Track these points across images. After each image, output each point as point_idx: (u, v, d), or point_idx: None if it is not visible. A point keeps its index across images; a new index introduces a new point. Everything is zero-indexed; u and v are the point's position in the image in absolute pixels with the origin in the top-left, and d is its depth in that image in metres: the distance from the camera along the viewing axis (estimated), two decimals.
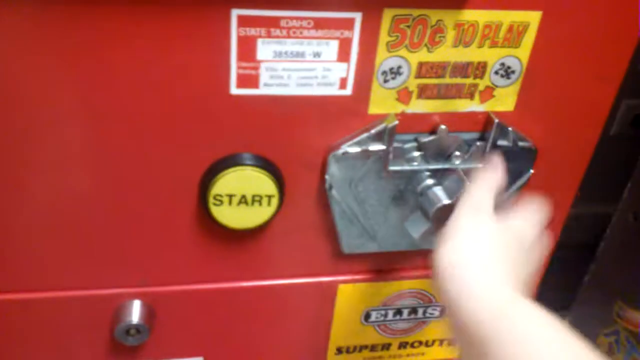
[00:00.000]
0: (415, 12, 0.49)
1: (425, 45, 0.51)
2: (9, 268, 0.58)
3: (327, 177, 0.55)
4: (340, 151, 0.54)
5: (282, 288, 0.64)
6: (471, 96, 0.55)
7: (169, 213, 0.56)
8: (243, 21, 0.46)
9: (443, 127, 0.55)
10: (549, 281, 0.72)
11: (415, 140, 0.55)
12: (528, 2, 0.51)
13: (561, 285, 1.02)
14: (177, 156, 0.53)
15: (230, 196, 0.54)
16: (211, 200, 0.54)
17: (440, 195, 0.54)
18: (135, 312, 0.60)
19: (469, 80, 0.54)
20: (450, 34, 0.51)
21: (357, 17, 0.48)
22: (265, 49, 0.48)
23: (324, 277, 0.65)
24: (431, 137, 0.55)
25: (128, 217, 0.56)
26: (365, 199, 0.58)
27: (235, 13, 0.46)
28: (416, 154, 0.56)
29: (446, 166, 0.57)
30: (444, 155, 0.57)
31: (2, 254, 0.56)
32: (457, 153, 0.56)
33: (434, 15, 0.49)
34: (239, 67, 0.49)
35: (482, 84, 0.54)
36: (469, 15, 0.50)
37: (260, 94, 0.50)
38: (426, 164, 0.56)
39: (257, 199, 0.54)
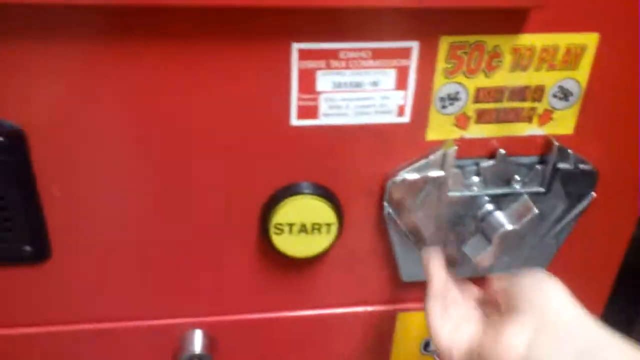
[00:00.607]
0: (472, 39, 0.49)
1: (483, 70, 0.51)
2: (76, 300, 0.59)
3: (385, 204, 0.56)
4: (399, 178, 0.54)
5: (340, 317, 0.64)
6: (530, 120, 0.54)
7: (231, 243, 0.57)
8: (303, 55, 0.48)
9: (502, 151, 0.55)
10: (614, 304, 0.70)
11: (474, 165, 0.55)
12: (584, 24, 0.51)
13: (625, 308, 0.98)
14: (239, 187, 0.54)
15: (291, 225, 0.54)
16: (272, 229, 0.54)
17: (503, 220, 0.53)
18: (198, 342, 0.61)
19: (527, 104, 0.53)
20: (507, 59, 0.51)
21: (414, 45, 0.49)
22: (324, 81, 0.49)
23: (383, 306, 0.64)
24: (490, 162, 0.55)
25: (190, 248, 0.57)
26: (425, 226, 0.57)
27: (296, 47, 0.47)
28: (475, 179, 0.55)
29: (506, 191, 0.56)
30: (504, 179, 0.56)
31: (69, 286, 0.58)
32: (517, 177, 0.56)
33: (490, 41, 0.50)
34: (299, 99, 0.50)
35: (540, 107, 0.54)
36: (526, 39, 0.50)
37: (320, 125, 0.51)
38: (486, 189, 0.56)
39: (316, 227, 0.55)
